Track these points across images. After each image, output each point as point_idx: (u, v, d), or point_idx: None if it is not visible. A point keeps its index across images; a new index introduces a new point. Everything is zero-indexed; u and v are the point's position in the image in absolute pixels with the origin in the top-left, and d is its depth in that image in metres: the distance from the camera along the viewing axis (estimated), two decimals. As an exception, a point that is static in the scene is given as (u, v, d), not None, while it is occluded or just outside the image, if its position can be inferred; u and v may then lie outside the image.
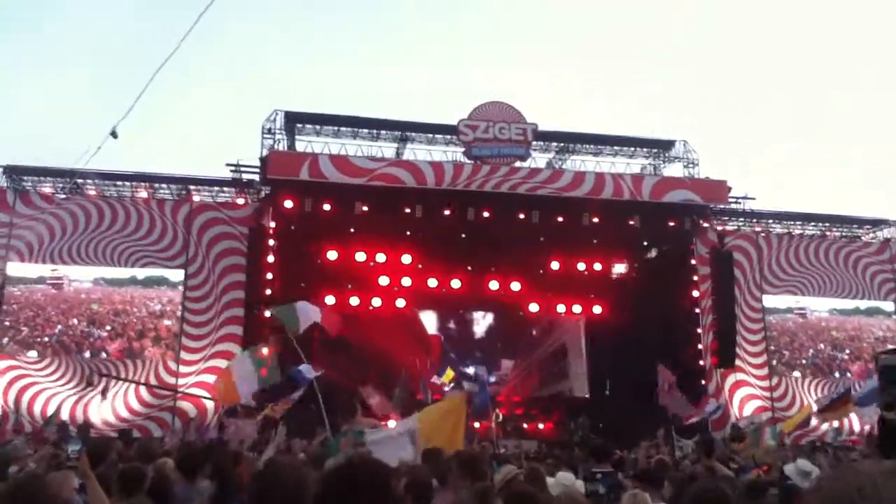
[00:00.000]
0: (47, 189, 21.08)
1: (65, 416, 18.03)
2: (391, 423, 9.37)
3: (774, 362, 23.31)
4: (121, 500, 4.78)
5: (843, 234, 25.03)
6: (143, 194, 21.57)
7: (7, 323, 20.13)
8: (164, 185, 21.97)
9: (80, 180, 20.54)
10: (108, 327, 20.83)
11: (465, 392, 11.15)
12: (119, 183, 21.60)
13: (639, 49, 57.49)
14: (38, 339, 20.04)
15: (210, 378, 19.64)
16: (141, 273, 21.21)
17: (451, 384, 21.45)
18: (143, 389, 19.74)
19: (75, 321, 20.71)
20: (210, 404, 18.93)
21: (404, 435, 7.34)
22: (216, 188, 22.23)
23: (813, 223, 24.99)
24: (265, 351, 11.93)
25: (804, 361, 23.69)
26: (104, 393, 18.50)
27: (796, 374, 23.33)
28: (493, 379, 22.51)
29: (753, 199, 23.60)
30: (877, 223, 25.14)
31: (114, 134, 11.65)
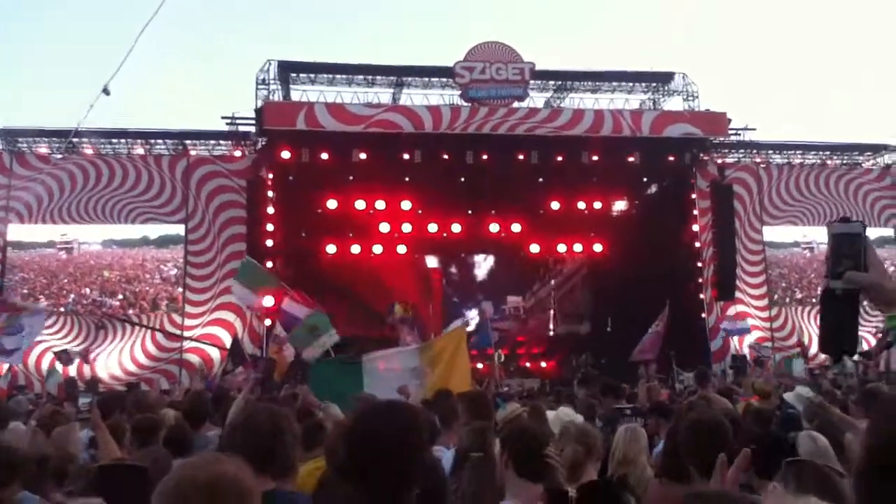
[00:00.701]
0: (43, 149, 21.00)
1: (72, 372, 18.28)
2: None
3: (788, 300, 23.46)
4: (135, 450, 4.92)
5: (844, 161, 24.89)
6: (140, 151, 21.48)
7: (25, 291, 20.25)
8: (160, 141, 21.86)
9: (75, 139, 20.43)
10: (120, 296, 20.94)
11: (462, 327, 11.26)
12: (115, 140, 21.49)
13: (635, -19, 56.29)
14: (54, 310, 20.08)
15: (215, 330, 19.91)
16: (153, 232, 21.21)
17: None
18: (149, 343, 20.00)
19: (87, 290, 20.84)
20: (216, 355, 19.24)
21: (403, 371, 7.48)
22: (212, 141, 22.11)
23: (813, 152, 24.86)
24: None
25: (815, 300, 23.80)
26: (86, 358, 18.48)
27: (796, 305, 23.49)
28: (497, 316, 22.74)
29: (754, 129, 23.42)
30: (877, 149, 24.97)
31: (106, 91, 11.60)
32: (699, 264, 22.28)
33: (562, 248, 24.22)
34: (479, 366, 19.30)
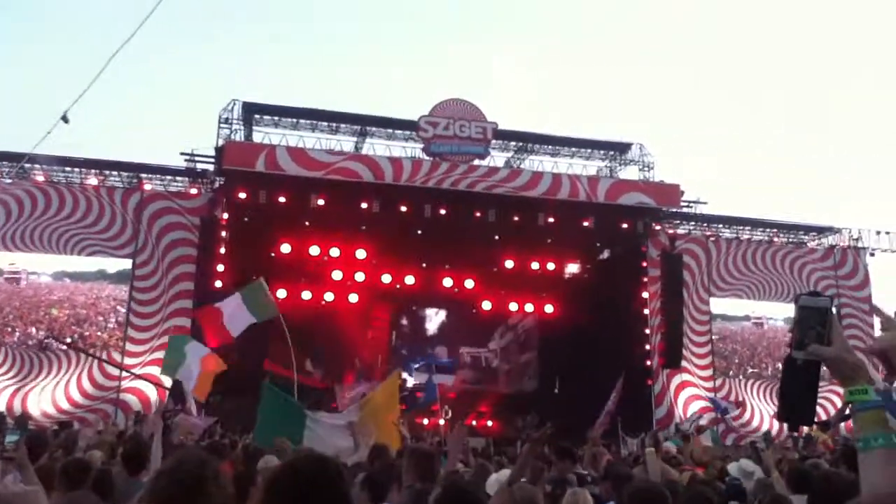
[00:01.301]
0: (-8, 173, 20.44)
1: (1, 407, 17.51)
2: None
3: (740, 375, 23.89)
4: (64, 493, 4.68)
5: (790, 239, 25.70)
6: (93, 181, 21.04)
7: None
8: (114, 173, 21.47)
9: (27, 165, 19.95)
10: (69, 339, 20.17)
11: (395, 375, 11.13)
12: (68, 169, 21.04)
13: (599, 53, 58.18)
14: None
15: (155, 370, 19.26)
16: (110, 266, 20.54)
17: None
18: (85, 380, 19.29)
19: (33, 330, 20.09)
20: (154, 395, 18.61)
21: (344, 426, 7.32)
22: (169, 177, 21.81)
23: (761, 228, 25.62)
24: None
25: (769, 373, 24.26)
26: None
27: (741, 377, 23.90)
28: (448, 361, 22.57)
29: (705, 203, 24.09)
30: (822, 230, 25.87)
31: (65, 119, 11.34)
32: (647, 331, 22.56)
33: (513, 306, 24.33)
34: (425, 421, 19.05)
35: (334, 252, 21.92)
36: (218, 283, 19.61)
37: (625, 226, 22.41)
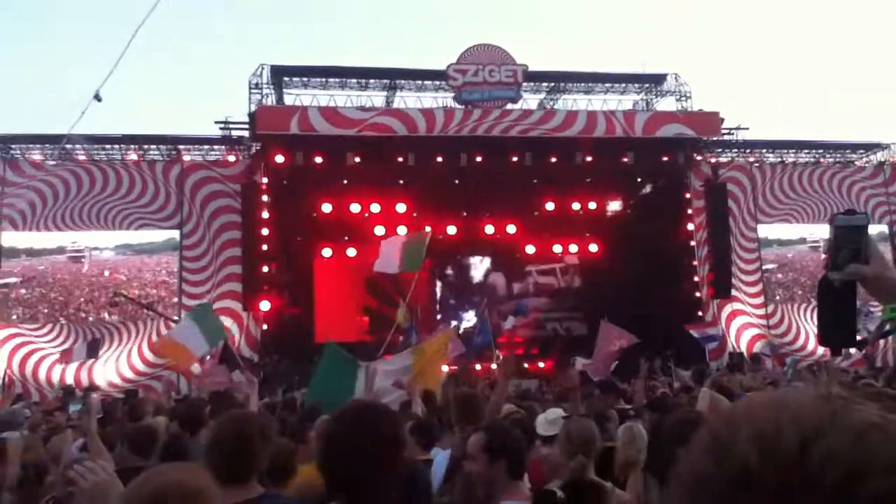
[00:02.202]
0: (36, 156, 20.95)
1: (69, 380, 18.26)
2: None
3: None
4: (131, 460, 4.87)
5: (837, 159, 24.98)
6: (133, 156, 21.42)
7: (46, 310, 20.15)
8: (153, 147, 21.81)
9: (68, 146, 20.38)
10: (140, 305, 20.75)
11: (449, 331, 11.27)
12: (108, 146, 21.44)
13: (627, -19, 56.43)
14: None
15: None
16: (161, 237, 20.98)
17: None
18: (146, 350, 19.97)
19: (106, 315, 20.72)
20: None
21: (396, 374, 7.48)
22: (206, 147, 22.09)
23: (806, 150, 24.94)
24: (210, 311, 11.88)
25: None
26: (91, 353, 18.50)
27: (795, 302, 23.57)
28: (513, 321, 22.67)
29: (747, 129, 23.50)
30: (870, 147, 25.08)
31: (97, 97, 11.53)
32: (695, 263, 22.34)
33: (557, 248, 24.24)
34: (478, 367, 19.29)
35: (375, 208, 22.03)
36: (264, 247, 19.98)
37: (665, 159, 22.04)
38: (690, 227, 22.47)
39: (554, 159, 21.22)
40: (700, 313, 21.90)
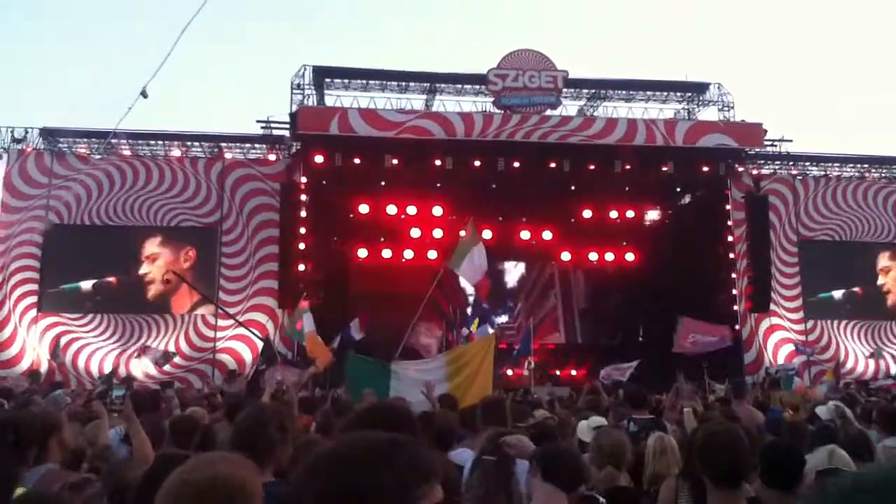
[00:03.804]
0: (83, 150, 21.42)
1: (107, 370, 18.62)
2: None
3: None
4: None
5: (883, 174, 24.44)
6: (176, 153, 21.78)
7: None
8: (196, 143, 22.16)
9: (114, 140, 20.81)
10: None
11: (491, 336, 11.24)
12: (152, 142, 21.84)
13: (672, -10, 55.96)
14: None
15: (246, 332, 20.10)
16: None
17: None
18: (182, 342, 20.30)
19: None
20: (248, 356, 19.48)
21: (425, 380, 7.50)
22: (247, 145, 22.37)
23: (851, 164, 24.44)
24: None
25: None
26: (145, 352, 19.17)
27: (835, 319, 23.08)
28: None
29: (790, 141, 23.16)
30: (918, 162, 24.48)
31: (144, 94, 11.77)
32: (733, 275, 22.01)
33: (593, 256, 24.09)
34: (510, 372, 19.24)
35: (411, 210, 22.14)
36: (301, 246, 20.17)
37: (706, 169, 21.74)
38: (730, 239, 22.14)
39: (592, 166, 21.07)
40: (737, 327, 21.59)
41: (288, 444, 3.14)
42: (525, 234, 23.13)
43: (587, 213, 22.90)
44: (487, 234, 22.66)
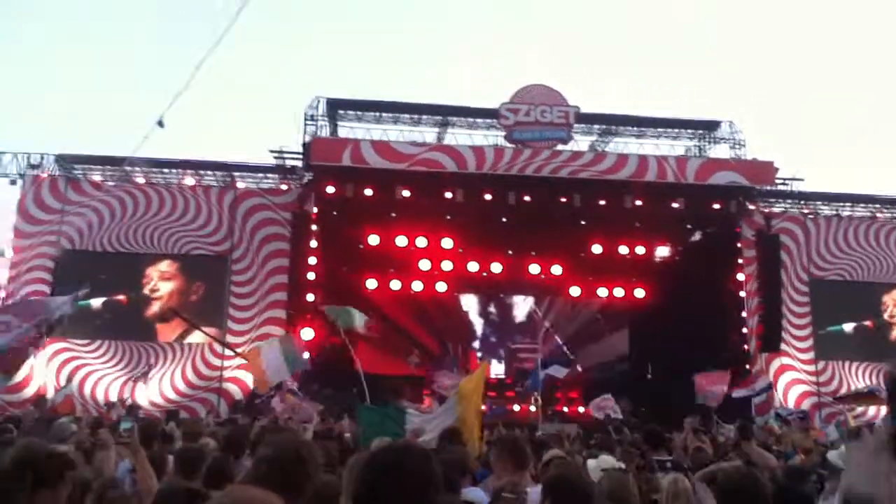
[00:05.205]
0: (97, 177, 21.61)
1: (113, 397, 18.59)
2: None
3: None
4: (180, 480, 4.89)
5: (894, 216, 24.34)
6: (190, 181, 21.95)
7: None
8: (209, 172, 22.33)
9: (128, 168, 21.00)
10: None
11: (485, 363, 11.19)
12: (166, 170, 22.00)
13: (684, 29, 56.46)
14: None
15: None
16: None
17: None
18: (189, 371, 20.25)
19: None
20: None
21: (446, 416, 7.43)
22: (260, 174, 22.53)
23: (863, 204, 24.36)
24: (293, 340, 12.38)
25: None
26: (145, 378, 19.10)
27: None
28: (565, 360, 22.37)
29: (802, 180, 23.10)
30: (929, 203, 24.37)
31: (160, 123, 11.93)
32: (743, 314, 21.87)
33: (602, 292, 24.01)
34: (516, 408, 19.10)
35: (421, 242, 22.17)
36: (311, 276, 20.21)
37: (717, 206, 21.73)
38: (741, 277, 22.05)
39: (603, 202, 21.09)
40: (747, 366, 21.39)
41: (312, 484, 3.05)
42: (534, 269, 23.10)
43: (597, 249, 22.86)
44: (497, 267, 22.70)
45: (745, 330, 21.74)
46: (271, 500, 1.80)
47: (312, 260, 20.44)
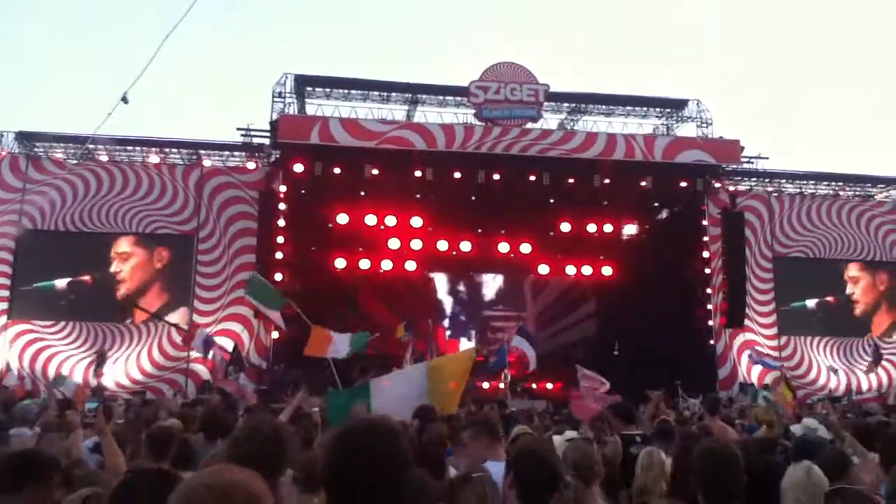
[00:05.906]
0: (59, 155, 21.15)
1: (78, 378, 18.32)
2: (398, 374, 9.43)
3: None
4: (149, 462, 4.87)
5: (857, 193, 24.83)
6: (155, 159, 21.59)
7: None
8: (174, 150, 21.98)
9: (91, 146, 20.59)
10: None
11: (472, 349, 11.20)
12: (130, 148, 21.61)
13: (653, 7, 56.60)
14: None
15: (221, 340, 19.90)
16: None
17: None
18: (156, 352, 20.07)
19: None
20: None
21: (413, 391, 7.43)
22: (227, 152, 22.24)
23: (826, 182, 24.79)
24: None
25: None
26: (99, 364, 18.56)
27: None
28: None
29: (766, 158, 23.43)
30: (890, 182, 24.88)
31: (124, 99, 11.64)
32: (708, 291, 22.23)
33: (571, 269, 24.17)
34: (485, 385, 19.21)
35: (390, 221, 22.09)
36: (279, 255, 20.08)
37: (683, 184, 22.00)
38: (706, 254, 22.37)
39: (571, 180, 21.23)
40: (712, 342, 21.78)
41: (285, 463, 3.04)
42: (504, 247, 23.17)
43: (565, 227, 23.01)
44: (467, 245, 22.71)
45: (709, 306, 22.11)
46: (255, 482, 1.79)
47: (280, 239, 20.29)
